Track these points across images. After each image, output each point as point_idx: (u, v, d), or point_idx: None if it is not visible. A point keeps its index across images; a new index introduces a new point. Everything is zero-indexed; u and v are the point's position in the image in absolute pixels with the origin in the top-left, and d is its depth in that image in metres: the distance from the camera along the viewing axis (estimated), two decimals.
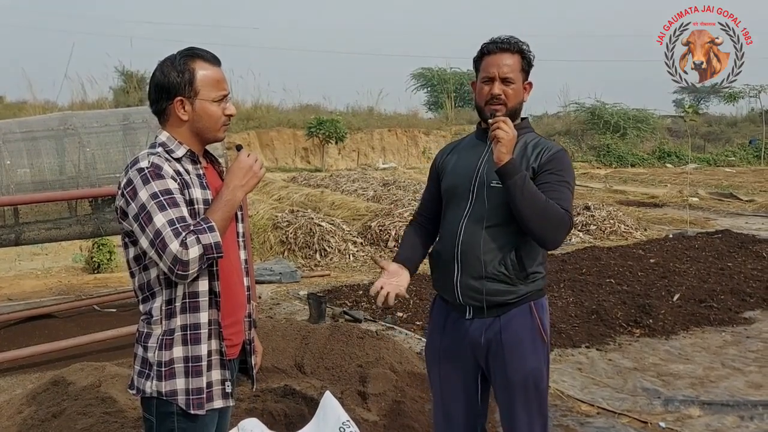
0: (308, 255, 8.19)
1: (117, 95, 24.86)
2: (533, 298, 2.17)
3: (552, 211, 2.03)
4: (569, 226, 2.07)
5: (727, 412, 3.68)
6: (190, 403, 1.80)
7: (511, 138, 2.05)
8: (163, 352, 1.79)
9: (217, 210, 1.77)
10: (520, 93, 2.18)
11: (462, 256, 2.16)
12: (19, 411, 3.27)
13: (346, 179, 15.66)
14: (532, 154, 2.15)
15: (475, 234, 2.14)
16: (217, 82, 1.84)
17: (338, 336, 4.10)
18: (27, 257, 8.47)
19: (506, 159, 2.04)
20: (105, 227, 4.72)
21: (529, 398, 2.17)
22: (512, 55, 2.16)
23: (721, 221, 11.37)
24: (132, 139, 4.65)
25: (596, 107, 29.36)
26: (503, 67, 2.14)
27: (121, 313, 5.50)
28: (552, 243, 2.09)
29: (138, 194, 1.72)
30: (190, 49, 1.86)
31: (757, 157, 28.25)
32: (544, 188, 2.08)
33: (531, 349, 2.16)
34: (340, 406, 2.93)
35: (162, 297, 1.80)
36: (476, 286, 2.14)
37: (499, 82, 2.15)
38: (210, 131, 1.87)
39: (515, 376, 2.15)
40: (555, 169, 2.11)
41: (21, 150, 4.41)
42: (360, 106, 29.63)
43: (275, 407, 3.18)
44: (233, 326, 1.92)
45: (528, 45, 2.21)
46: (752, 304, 5.85)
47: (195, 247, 1.67)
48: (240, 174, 1.82)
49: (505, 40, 2.18)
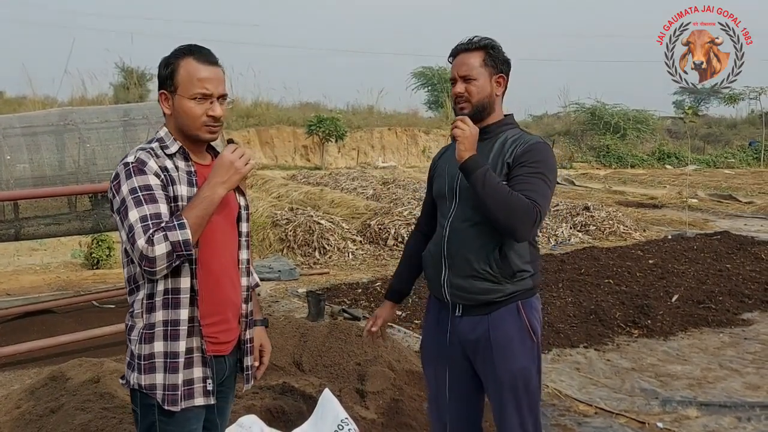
0: (307, 253, 8.20)
1: (117, 91, 24.86)
2: (521, 297, 2.18)
3: (515, 203, 2.01)
4: (536, 217, 2.03)
5: (725, 413, 3.69)
6: (166, 399, 1.80)
7: (468, 135, 2.07)
8: (143, 345, 1.80)
9: (194, 207, 1.75)
10: (485, 88, 2.18)
11: (449, 255, 2.20)
12: (17, 406, 3.27)
13: (346, 177, 15.65)
14: (508, 150, 2.16)
15: (460, 233, 2.18)
16: (198, 80, 1.81)
17: (337, 334, 4.10)
18: (26, 252, 8.47)
19: (466, 156, 2.07)
20: (104, 223, 4.72)
21: (519, 398, 2.18)
22: (472, 53, 2.18)
23: (720, 223, 11.39)
24: (132, 136, 4.65)
25: (596, 108, 29.38)
26: (462, 67, 2.19)
27: (119, 309, 5.50)
28: (520, 235, 2.07)
29: (121, 188, 1.75)
30: (186, 46, 1.86)
31: (757, 159, 28.30)
32: (516, 181, 2.08)
33: (520, 349, 2.17)
34: (339, 404, 2.94)
35: (144, 291, 1.80)
36: (463, 284, 2.17)
37: (460, 81, 2.19)
38: (189, 129, 1.84)
39: (504, 375, 2.16)
40: (528, 161, 2.11)
41: (21, 145, 4.40)
42: (360, 104, 29.69)
43: (274, 404, 3.18)
44: (218, 325, 1.90)
45: (493, 41, 2.22)
46: (750, 306, 5.85)
47: (162, 245, 1.67)
48: (221, 170, 1.78)
49: (464, 42, 2.22)
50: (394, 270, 2.64)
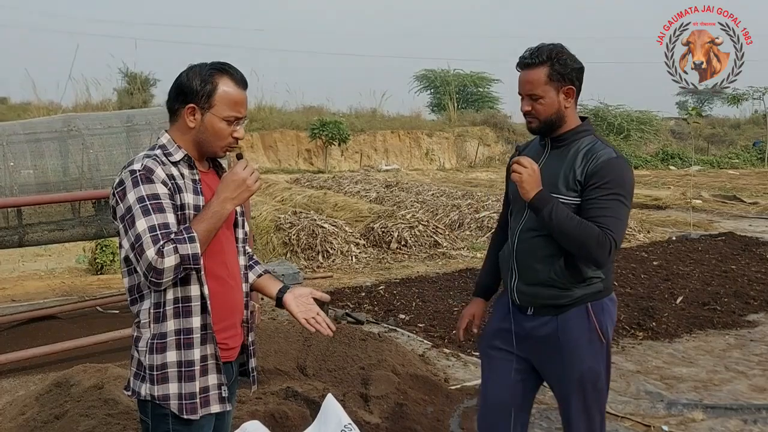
0: (311, 257, 8.19)
1: (121, 97, 24.94)
2: (590, 299, 2.20)
3: (586, 235, 2.04)
4: (610, 246, 2.05)
5: (731, 416, 3.67)
6: (183, 408, 1.79)
7: (528, 176, 2.09)
8: (155, 356, 1.78)
9: (203, 220, 1.75)
10: (552, 104, 2.14)
11: (518, 264, 2.26)
12: (21, 412, 3.28)
13: (349, 181, 15.67)
14: (579, 166, 2.13)
15: (528, 242, 2.22)
16: (234, 103, 1.82)
17: (340, 338, 4.10)
18: (30, 258, 8.49)
19: (531, 195, 2.10)
20: (108, 228, 4.73)
21: (587, 398, 2.21)
22: (536, 69, 2.12)
23: (724, 224, 11.34)
24: (135, 141, 4.66)
25: (599, 109, 29.33)
26: (526, 85, 2.16)
27: (123, 315, 5.51)
28: (597, 263, 2.12)
29: (126, 196, 1.73)
30: (222, 64, 1.86)
31: (761, 160, 28.21)
32: (589, 204, 2.09)
33: (588, 350, 2.20)
34: (342, 409, 2.94)
35: (150, 300, 1.79)
36: (531, 291, 2.23)
37: (527, 99, 2.16)
38: (211, 146, 1.85)
39: (572, 375, 2.20)
40: (600, 182, 2.08)
41: (25, 151, 4.42)
42: (363, 107, 29.69)
43: (277, 409, 3.17)
44: (227, 330, 1.90)
45: (559, 50, 2.14)
46: (756, 307, 5.83)
47: (171, 257, 1.67)
48: (232, 186, 1.79)
49: (526, 55, 2.16)
50: (397, 273, 2.64)
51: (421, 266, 7.90)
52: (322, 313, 2.00)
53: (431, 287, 6.58)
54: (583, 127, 2.21)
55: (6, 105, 24.10)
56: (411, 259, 8.34)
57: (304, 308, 2.00)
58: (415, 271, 7.56)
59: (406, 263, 8.10)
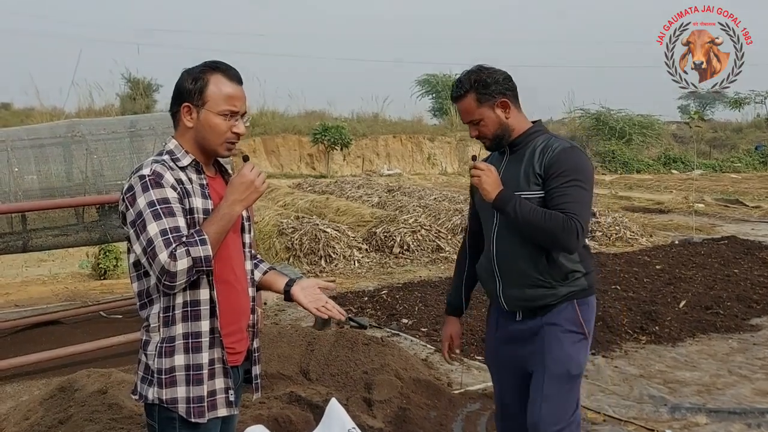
0: (313, 261, 8.20)
1: (124, 102, 25.02)
2: (577, 297, 2.24)
3: (552, 223, 2.08)
4: (576, 229, 2.08)
5: (734, 420, 3.66)
6: (191, 411, 1.80)
7: (486, 176, 2.16)
8: (163, 359, 1.80)
9: (213, 223, 1.77)
10: (493, 122, 2.23)
11: (500, 269, 2.28)
12: (25, 417, 3.29)
13: (351, 185, 15.67)
14: (537, 161, 2.19)
15: (507, 244, 2.24)
16: (228, 96, 1.83)
17: (343, 342, 4.10)
18: (34, 263, 8.51)
19: (492, 196, 2.15)
20: (112, 234, 4.75)
21: (551, 379, 2.22)
22: (464, 99, 2.22)
23: (726, 227, 11.34)
24: (139, 146, 4.69)
25: (601, 113, 29.38)
26: (464, 115, 2.26)
27: (127, 320, 5.51)
28: (568, 249, 2.16)
29: (136, 201, 1.74)
30: (213, 62, 1.87)
31: (763, 163, 28.19)
32: (551, 195, 2.14)
33: (570, 338, 2.24)
34: (346, 413, 2.94)
35: (160, 304, 1.80)
36: (518, 294, 2.26)
37: (470, 125, 2.27)
38: (211, 144, 1.86)
39: (549, 362, 2.23)
40: (558, 171, 2.14)
41: (29, 157, 4.44)
42: (365, 112, 29.74)
43: (281, 414, 3.18)
44: (234, 334, 1.91)
45: (477, 74, 2.20)
46: (759, 311, 5.82)
47: (184, 260, 1.68)
48: (241, 188, 1.81)
49: (453, 90, 2.27)
50: (400, 277, 2.65)
51: (423, 270, 7.91)
52: (330, 300, 2.04)
53: (434, 291, 6.58)
54: (534, 128, 2.29)
55: (9, 110, 24.20)
56: (413, 263, 8.34)
57: (313, 298, 2.04)
58: (417, 276, 7.57)
59: (408, 267, 8.11)
